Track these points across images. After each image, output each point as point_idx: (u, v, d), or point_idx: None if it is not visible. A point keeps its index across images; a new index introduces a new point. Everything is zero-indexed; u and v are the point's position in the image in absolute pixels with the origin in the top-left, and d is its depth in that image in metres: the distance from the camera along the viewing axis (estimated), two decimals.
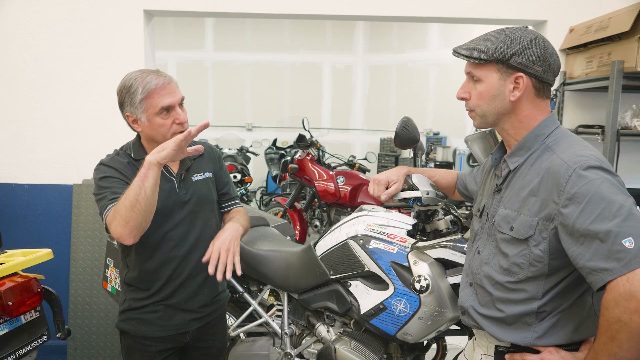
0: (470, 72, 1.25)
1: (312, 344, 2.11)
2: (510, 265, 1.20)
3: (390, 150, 7.30)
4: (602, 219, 1.03)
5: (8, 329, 1.73)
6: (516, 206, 1.20)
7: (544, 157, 1.19)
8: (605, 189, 1.05)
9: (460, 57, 1.24)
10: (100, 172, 1.56)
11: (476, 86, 1.23)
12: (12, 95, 2.84)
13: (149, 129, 1.55)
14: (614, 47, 2.37)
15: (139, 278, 1.63)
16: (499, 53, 1.18)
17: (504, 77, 1.19)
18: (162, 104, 1.51)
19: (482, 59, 1.20)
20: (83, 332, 2.83)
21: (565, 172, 1.10)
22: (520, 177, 1.23)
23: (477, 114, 1.26)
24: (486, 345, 1.32)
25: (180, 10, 2.83)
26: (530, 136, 1.22)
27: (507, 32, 1.20)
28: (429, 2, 2.83)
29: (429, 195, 1.61)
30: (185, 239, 1.63)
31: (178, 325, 1.66)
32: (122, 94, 1.55)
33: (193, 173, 1.68)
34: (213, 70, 7.73)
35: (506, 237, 1.21)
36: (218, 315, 1.80)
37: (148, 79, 1.51)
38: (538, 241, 1.15)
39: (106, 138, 2.83)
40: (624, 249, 1.00)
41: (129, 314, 1.66)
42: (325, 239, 2.05)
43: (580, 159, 1.10)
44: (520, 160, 1.23)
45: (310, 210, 4.78)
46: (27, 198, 2.90)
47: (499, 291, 1.23)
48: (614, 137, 2.32)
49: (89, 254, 2.84)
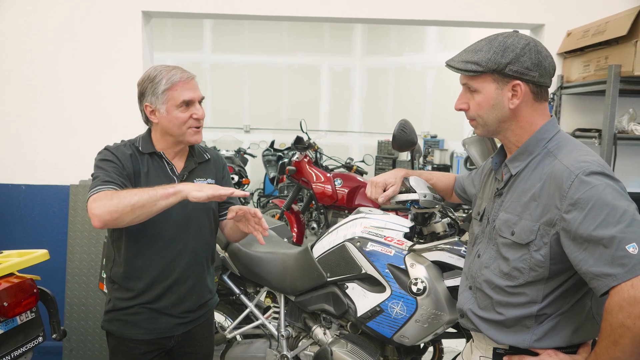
0: (467, 83, 1.23)
1: (309, 346, 2.11)
2: (511, 269, 1.20)
3: (388, 152, 7.31)
4: (605, 224, 1.03)
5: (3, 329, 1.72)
6: (517, 211, 1.20)
7: (546, 162, 1.19)
8: (608, 194, 1.05)
9: (454, 70, 1.23)
10: (102, 155, 1.57)
11: (474, 96, 1.22)
12: (9, 96, 2.84)
13: (166, 121, 1.57)
14: (611, 51, 2.38)
15: (124, 274, 1.60)
16: (493, 64, 1.16)
17: (501, 86, 1.18)
18: (184, 97, 1.55)
19: (476, 71, 1.18)
20: (79, 333, 2.82)
21: (567, 178, 1.10)
22: (521, 181, 1.23)
23: (478, 123, 1.25)
24: (484, 347, 1.32)
25: (178, 11, 2.83)
26: (532, 141, 1.22)
27: (498, 41, 1.18)
28: (427, 5, 2.84)
29: (426, 197, 1.61)
30: (177, 241, 1.61)
31: (163, 329, 1.63)
32: (145, 84, 1.58)
33: (196, 176, 1.67)
34: (211, 71, 7.73)
35: (507, 241, 1.21)
36: (205, 320, 1.76)
37: (173, 72, 1.56)
38: (539, 246, 1.15)
39: (104, 139, 2.80)
40: (628, 254, 1.01)
41: (113, 314, 1.63)
42: (322, 241, 2.05)
43: (582, 165, 1.10)
44: (522, 165, 1.23)
45: (308, 213, 4.78)
46: (23, 198, 2.89)
47: (498, 295, 1.23)
48: (611, 141, 2.33)
49: (86, 255, 2.83)
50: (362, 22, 3.11)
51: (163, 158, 1.63)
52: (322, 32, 7.79)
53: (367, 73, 7.91)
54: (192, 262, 1.64)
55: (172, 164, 1.64)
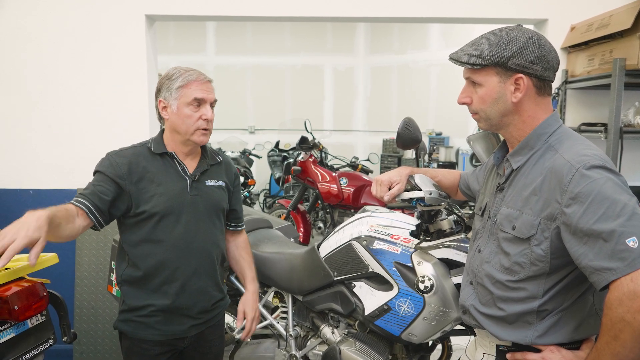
0: (470, 77, 1.23)
1: (317, 345, 2.11)
2: (512, 264, 1.20)
3: (393, 151, 7.30)
4: (605, 218, 1.03)
5: (15, 333, 1.73)
6: (519, 205, 1.20)
7: (547, 157, 1.18)
8: (608, 188, 1.05)
9: (457, 63, 1.23)
10: (98, 165, 1.61)
11: (477, 90, 1.22)
12: (15, 101, 2.86)
13: (175, 117, 1.60)
14: (616, 45, 2.37)
15: (136, 275, 1.61)
16: (496, 57, 1.16)
17: (504, 79, 1.18)
18: (196, 95, 1.58)
19: (479, 64, 1.18)
20: (89, 336, 2.84)
21: (568, 172, 1.10)
22: (522, 176, 1.23)
23: (481, 117, 1.25)
24: (487, 344, 1.31)
25: (181, 14, 2.85)
26: (533, 135, 1.22)
27: (502, 34, 1.18)
28: (430, 2, 2.83)
29: (432, 195, 1.61)
30: (187, 241, 1.63)
31: (177, 330, 1.65)
32: (162, 80, 1.63)
33: (208, 178, 1.70)
34: (215, 73, 7.75)
35: (508, 236, 1.21)
36: (216, 321, 1.79)
37: (190, 72, 1.61)
38: (540, 240, 1.15)
39: (109, 142, 2.83)
40: (628, 248, 1.00)
41: (127, 315, 1.65)
42: (328, 241, 2.05)
43: (583, 159, 1.10)
44: (523, 160, 1.23)
45: (314, 212, 4.78)
46: (31, 203, 2.91)
47: (499, 290, 1.23)
48: (617, 134, 2.32)
49: (94, 258, 2.85)
50: (364, 21, 3.11)
51: (175, 158, 1.65)
52: (325, 32, 7.79)
53: (370, 72, 7.90)
54: (203, 262, 1.67)
55: (184, 164, 1.66)
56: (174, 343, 1.67)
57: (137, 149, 1.65)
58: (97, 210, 1.51)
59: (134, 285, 1.63)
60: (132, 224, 1.60)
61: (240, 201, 1.90)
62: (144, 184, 1.59)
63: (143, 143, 1.68)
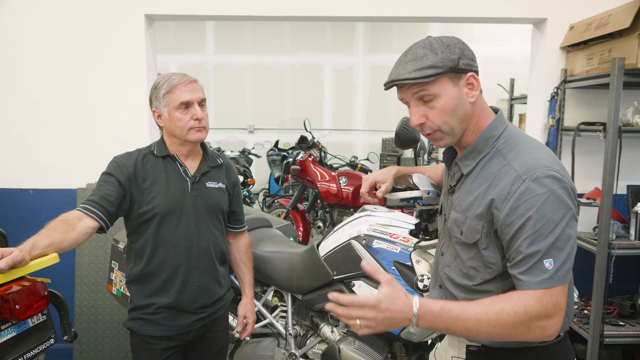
0: (420, 93, 1.16)
1: (317, 344, 2.12)
2: (468, 269, 1.20)
3: (392, 150, 7.30)
4: (536, 237, 1.06)
5: (16, 332, 1.74)
6: (464, 210, 1.19)
7: (495, 162, 1.16)
8: (549, 205, 1.05)
9: (407, 82, 1.15)
10: (107, 168, 1.68)
11: (433, 104, 1.16)
12: (15, 102, 2.86)
13: (169, 123, 1.67)
14: (615, 44, 2.38)
15: (141, 274, 1.70)
16: (449, 61, 1.13)
17: (456, 82, 1.15)
18: (182, 98, 1.63)
19: (436, 73, 1.12)
20: (89, 334, 2.85)
21: (515, 182, 1.09)
22: (470, 181, 1.21)
23: (444, 132, 1.18)
24: (457, 345, 1.30)
25: (181, 14, 2.85)
26: (481, 139, 1.19)
27: (435, 44, 1.16)
28: (429, 1, 2.84)
29: (430, 194, 1.62)
30: (189, 240, 1.70)
31: (182, 325, 1.74)
32: (151, 91, 1.69)
33: (208, 179, 1.76)
34: (214, 73, 7.75)
35: (459, 240, 1.21)
36: (220, 315, 1.86)
37: (173, 77, 1.66)
38: (486, 244, 1.15)
39: (109, 142, 2.85)
40: (543, 268, 1.05)
41: (135, 313, 1.73)
42: (328, 240, 2.06)
43: (530, 168, 1.09)
44: (472, 164, 1.20)
45: (313, 211, 4.79)
46: (32, 203, 2.92)
47: (462, 293, 1.23)
48: (616, 134, 2.32)
49: (94, 258, 2.86)
50: (363, 20, 3.11)
51: (176, 160, 1.72)
52: (324, 31, 7.79)
53: (370, 71, 7.89)
54: (204, 260, 1.73)
55: (185, 165, 1.73)
56: (180, 337, 1.75)
57: (142, 152, 1.72)
58: (105, 213, 1.58)
59: (140, 284, 1.72)
60: (137, 225, 1.68)
61: (241, 203, 1.94)
62: (147, 185, 1.66)
63: (147, 147, 1.76)
